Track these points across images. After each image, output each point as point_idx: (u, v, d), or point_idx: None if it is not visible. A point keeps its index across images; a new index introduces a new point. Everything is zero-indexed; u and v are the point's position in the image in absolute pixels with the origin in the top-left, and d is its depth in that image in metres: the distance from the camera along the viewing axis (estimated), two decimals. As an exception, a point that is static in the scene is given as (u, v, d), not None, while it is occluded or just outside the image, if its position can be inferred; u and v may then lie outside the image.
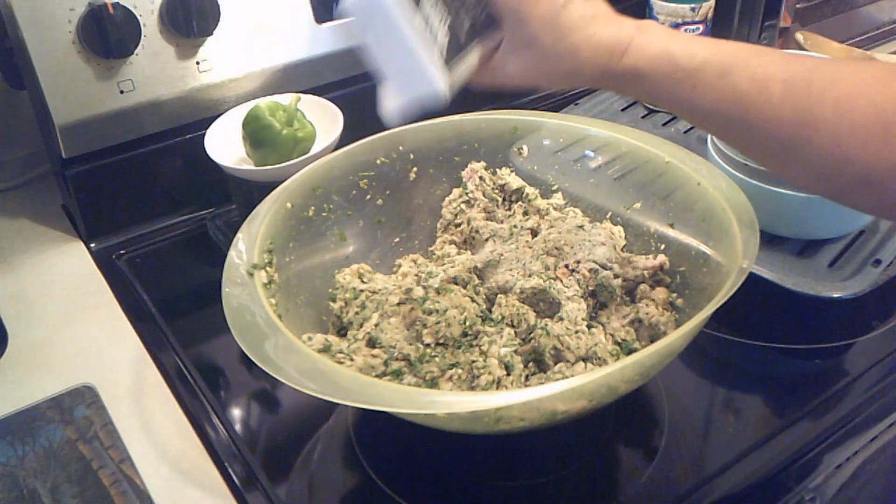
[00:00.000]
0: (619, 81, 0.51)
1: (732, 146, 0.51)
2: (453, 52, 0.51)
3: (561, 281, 0.63)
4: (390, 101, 0.52)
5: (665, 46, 0.49)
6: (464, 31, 0.51)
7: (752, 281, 0.54)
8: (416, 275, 0.66)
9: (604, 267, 0.64)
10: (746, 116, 0.48)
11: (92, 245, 0.85)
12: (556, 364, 0.58)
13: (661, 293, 0.65)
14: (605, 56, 0.49)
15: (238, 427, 0.64)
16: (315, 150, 0.79)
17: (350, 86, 0.94)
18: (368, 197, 0.72)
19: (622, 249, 0.69)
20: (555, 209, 0.73)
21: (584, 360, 0.58)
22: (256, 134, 0.78)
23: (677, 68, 0.48)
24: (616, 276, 0.64)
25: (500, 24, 0.52)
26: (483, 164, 0.74)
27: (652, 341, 0.62)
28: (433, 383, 0.56)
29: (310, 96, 0.84)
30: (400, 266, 0.70)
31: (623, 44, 0.49)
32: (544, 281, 0.63)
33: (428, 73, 0.49)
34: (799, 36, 1.08)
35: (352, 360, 0.57)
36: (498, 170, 0.75)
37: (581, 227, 0.68)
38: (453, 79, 0.51)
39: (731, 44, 0.49)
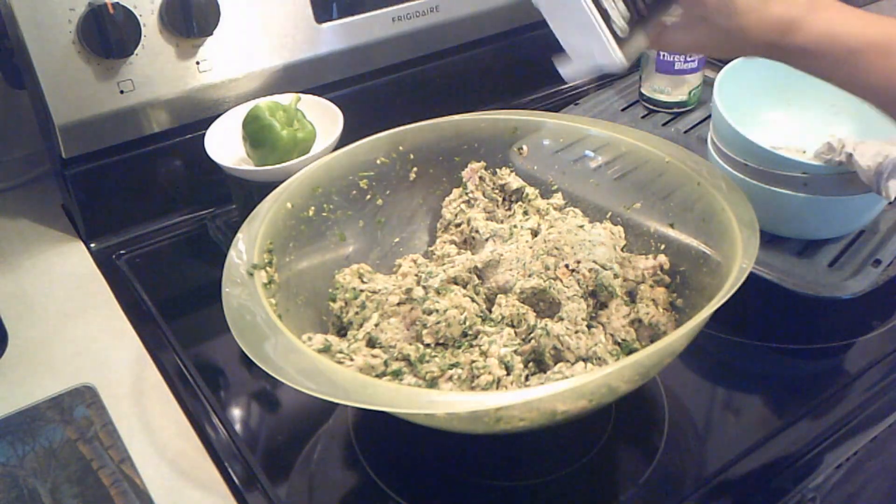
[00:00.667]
0: (786, 57, 0.53)
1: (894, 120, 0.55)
2: (630, 21, 0.56)
3: (561, 281, 0.63)
4: (569, 65, 0.57)
5: (831, 26, 0.51)
6: (641, 3, 0.56)
7: (752, 281, 0.54)
8: (416, 275, 0.66)
9: (604, 267, 0.64)
10: None
11: (92, 245, 0.85)
12: (556, 364, 0.58)
13: (661, 293, 0.65)
14: (772, 34, 0.52)
15: (238, 427, 0.64)
16: (315, 150, 0.79)
17: (350, 86, 0.94)
18: (368, 197, 0.72)
19: (622, 249, 0.69)
20: (555, 209, 0.73)
21: (584, 360, 0.58)
22: (256, 134, 0.78)
23: (841, 48, 0.51)
24: (616, 276, 0.64)
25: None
26: (483, 164, 0.74)
27: (652, 341, 0.62)
28: (433, 383, 0.56)
29: (310, 96, 0.84)
30: (400, 266, 0.70)
31: (792, 23, 0.51)
32: (544, 281, 0.63)
33: (604, 43, 0.54)
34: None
35: (352, 360, 0.57)
36: (498, 170, 0.75)
37: (581, 227, 0.68)
38: (629, 49, 0.55)
39: (893, 22, 0.51)
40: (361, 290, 0.64)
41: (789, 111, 0.84)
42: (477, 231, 0.71)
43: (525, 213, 0.73)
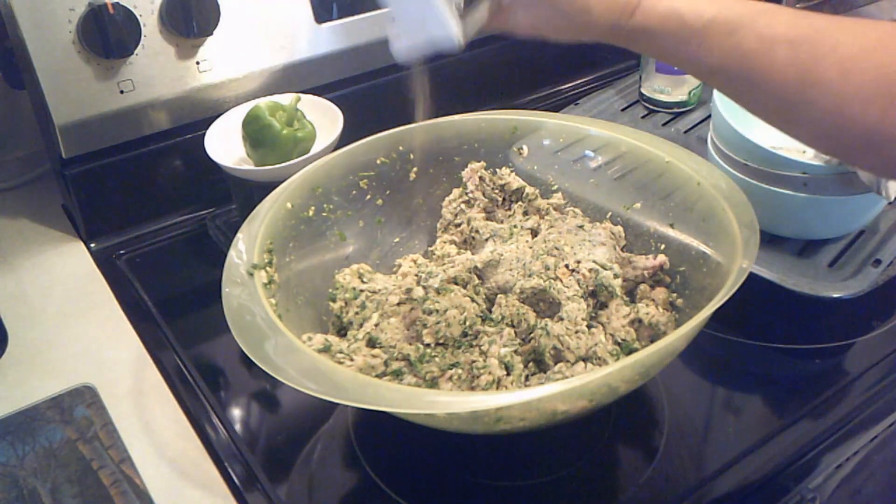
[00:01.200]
0: (629, 38, 0.51)
1: (736, 102, 0.52)
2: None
3: (561, 281, 0.63)
4: (402, 42, 0.52)
5: (673, 4, 0.49)
6: None
7: (752, 281, 0.54)
8: (416, 275, 0.66)
9: (604, 267, 0.64)
10: (751, 75, 0.48)
11: (92, 245, 0.85)
12: (556, 364, 0.58)
13: (661, 293, 0.65)
14: (615, 13, 0.50)
15: (238, 427, 0.64)
16: (315, 150, 0.79)
17: (350, 86, 0.94)
18: (368, 197, 0.72)
19: (622, 249, 0.69)
20: (555, 209, 0.73)
21: (584, 360, 0.58)
22: (256, 134, 0.78)
23: (684, 26, 0.49)
24: (616, 276, 0.64)
25: None
26: (483, 164, 0.74)
27: (652, 341, 0.61)
28: (433, 383, 0.56)
29: (310, 96, 0.84)
30: (400, 266, 0.70)
31: (634, 1, 0.50)
32: (544, 281, 0.63)
33: (443, 18, 0.50)
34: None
35: (352, 360, 0.57)
36: (498, 170, 0.75)
37: (581, 227, 0.68)
38: (467, 26, 0.52)
39: (740, 1, 0.49)
40: (361, 290, 0.64)
41: (789, 111, 0.84)
42: (477, 231, 0.71)
43: (525, 213, 0.73)
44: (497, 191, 0.74)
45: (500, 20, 0.54)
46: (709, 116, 0.92)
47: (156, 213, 0.88)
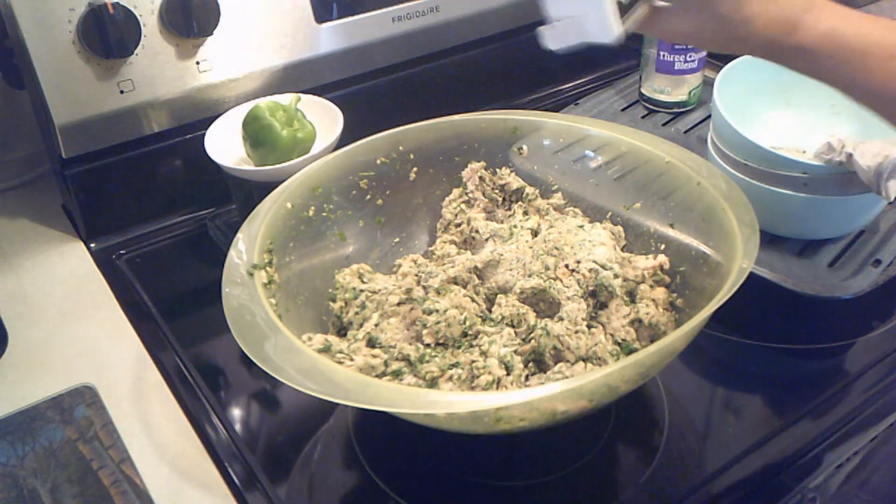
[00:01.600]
0: (785, 56, 0.51)
1: None
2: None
3: (561, 281, 0.63)
4: (557, 36, 0.51)
5: (834, 25, 0.49)
6: None
7: (752, 281, 0.54)
8: (416, 275, 0.66)
9: (604, 267, 0.64)
10: None
11: (92, 245, 0.85)
12: (556, 364, 0.58)
13: (661, 293, 0.65)
14: (776, 30, 0.49)
15: (238, 427, 0.64)
16: (315, 150, 0.79)
17: (350, 86, 0.94)
18: (368, 197, 0.72)
19: (622, 249, 0.69)
20: (555, 209, 0.73)
21: (584, 360, 0.58)
22: (256, 134, 0.78)
23: (845, 47, 0.48)
24: (616, 276, 0.64)
25: None
26: (483, 164, 0.74)
27: (652, 341, 0.62)
28: (433, 383, 0.56)
29: (310, 96, 0.84)
30: (400, 266, 0.70)
31: (794, 19, 0.49)
32: (544, 281, 0.63)
33: (604, 15, 0.49)
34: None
35: (352, 360, 0.57)
36: (498, 170, 0.75)
37: (581, 227, 0.68)
38: (626, 22, 0.51)
39: None
40: (361, 290, 0.64)
41: (789, 111, 0.84)
42: (477, 231, 0.71)
43: (525, 213, 0.73)
44: (497, 191, 0.74)
45: (655, 24, 0.53)
46: (709, 116, 0.92)
47: (156, 213, 0.88)
